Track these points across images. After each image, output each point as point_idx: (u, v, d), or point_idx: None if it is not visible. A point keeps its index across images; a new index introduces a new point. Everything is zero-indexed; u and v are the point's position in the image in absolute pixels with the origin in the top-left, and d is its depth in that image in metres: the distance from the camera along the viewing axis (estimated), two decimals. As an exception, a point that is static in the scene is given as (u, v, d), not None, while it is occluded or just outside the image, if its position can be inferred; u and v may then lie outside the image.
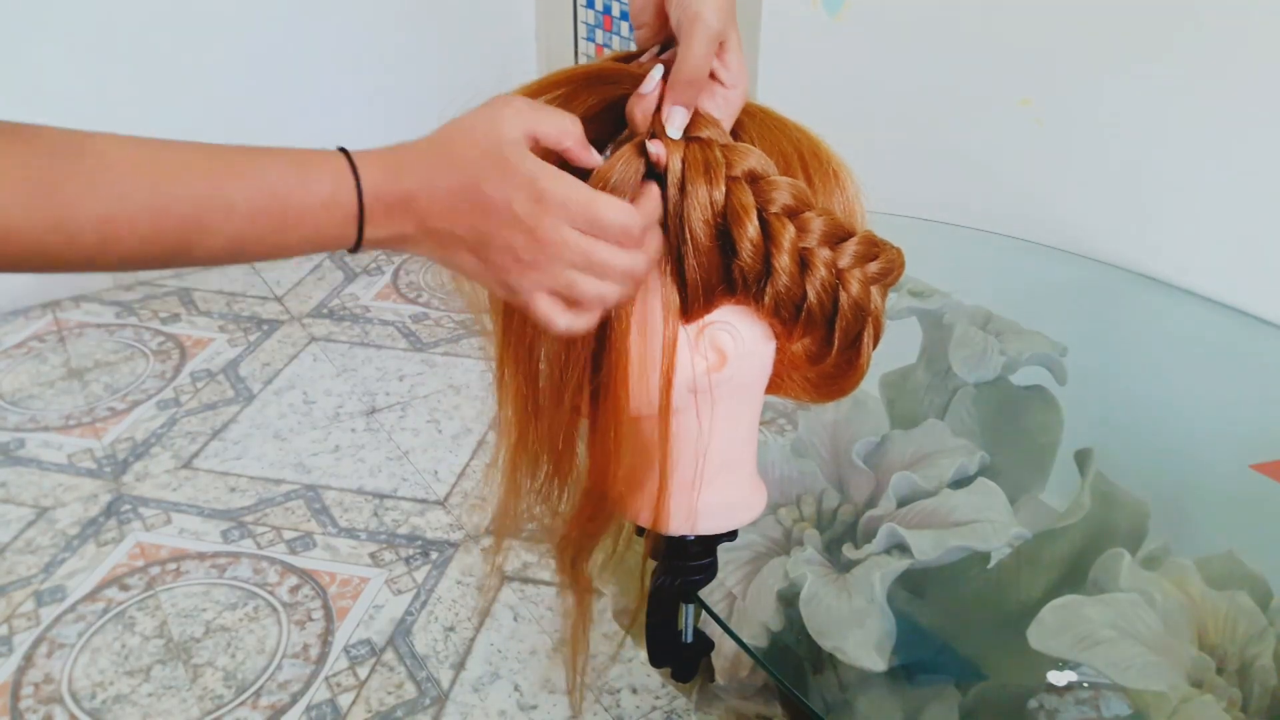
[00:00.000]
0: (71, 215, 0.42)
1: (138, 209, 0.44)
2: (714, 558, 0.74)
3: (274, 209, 0.46)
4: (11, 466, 1.79)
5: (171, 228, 0.45)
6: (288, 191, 0.47)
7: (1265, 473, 1.08)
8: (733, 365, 0.62)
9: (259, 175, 0.46)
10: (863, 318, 0.62)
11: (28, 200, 0.41)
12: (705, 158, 0.57)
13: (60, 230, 0.42)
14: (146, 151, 0.45)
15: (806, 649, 0.85)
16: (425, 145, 0.51)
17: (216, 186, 0.45)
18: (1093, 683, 0.87)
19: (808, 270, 0.60)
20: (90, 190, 0.43)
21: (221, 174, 0.46)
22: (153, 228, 0.44)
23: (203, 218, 0.45)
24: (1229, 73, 1.23)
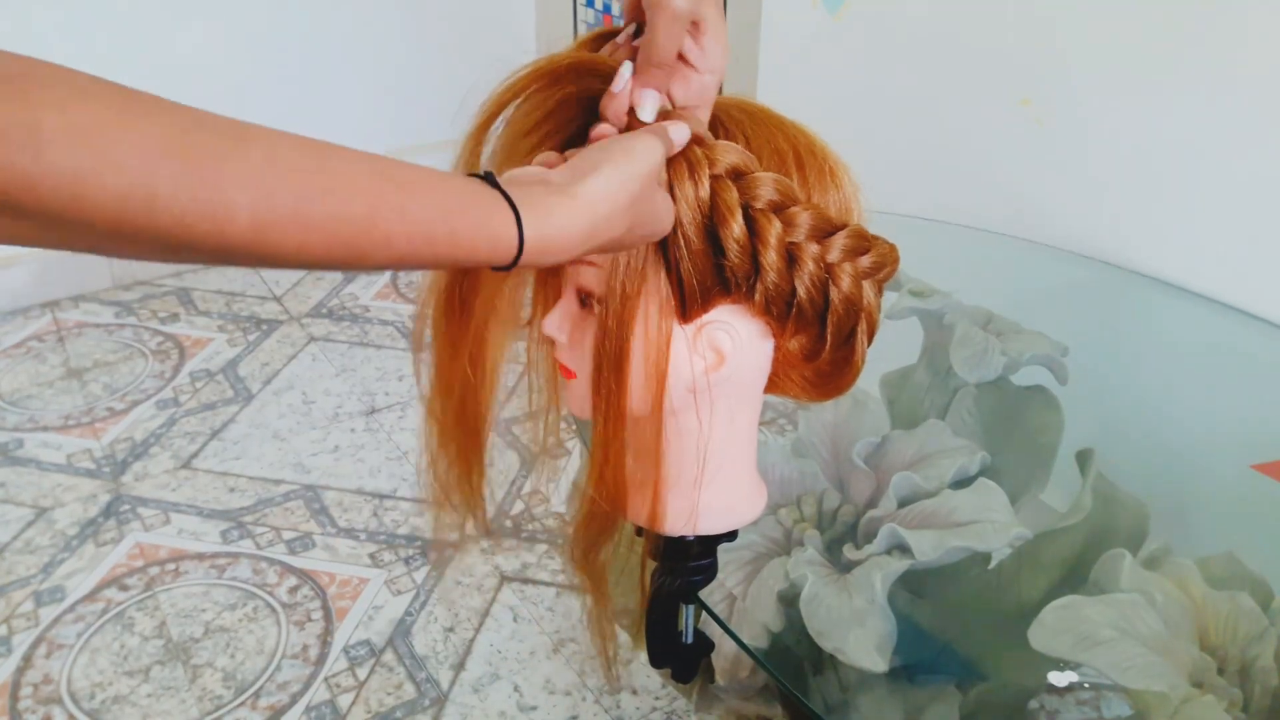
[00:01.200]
0: (224, 199, 0.39)
1: (291, 215, 0.40)
2: (714, 558, 0.74)
3: (429, 253, 0.45)
4: (11, 466, 1.79)
5: (324, 244, 0.42)
6: (448, 243, 0.45)
7: (1266, 473, 1.08)
8: (731, 365, 0.62)
9: (420, 218, 0.45)
10: (855, 313, 0.62)
11: (178, 171, 0.37)
12: (686, 157, 0.57)
13: (210, 214, 0.38)
14: (310, 155, 0.42)
15: (807, 649, 0.84)
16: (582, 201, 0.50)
17: (377, 217, 0.43)
18: (1093, 683, 0.87)
19: (795, 265, 0.59)
20: (247, 180, 0.39)
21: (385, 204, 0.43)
22: (305, 240, 0.41)
23: (358, 245, 0.43)
24: (1229, 72, 1.23)
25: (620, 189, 0.51)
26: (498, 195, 0.47)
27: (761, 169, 0.59)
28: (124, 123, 0.37)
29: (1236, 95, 1.23)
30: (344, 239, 0.42)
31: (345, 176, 0.43)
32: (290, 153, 0.41)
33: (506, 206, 0.47)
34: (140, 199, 0.37)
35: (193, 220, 0.38)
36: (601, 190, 0.50)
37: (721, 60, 0.59)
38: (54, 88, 0.36)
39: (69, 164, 0.35)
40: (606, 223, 0.50)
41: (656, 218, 0.55)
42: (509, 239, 0.47)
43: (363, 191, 0.43)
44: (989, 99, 1.52)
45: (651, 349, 0.60)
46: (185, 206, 0.38)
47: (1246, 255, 1.27)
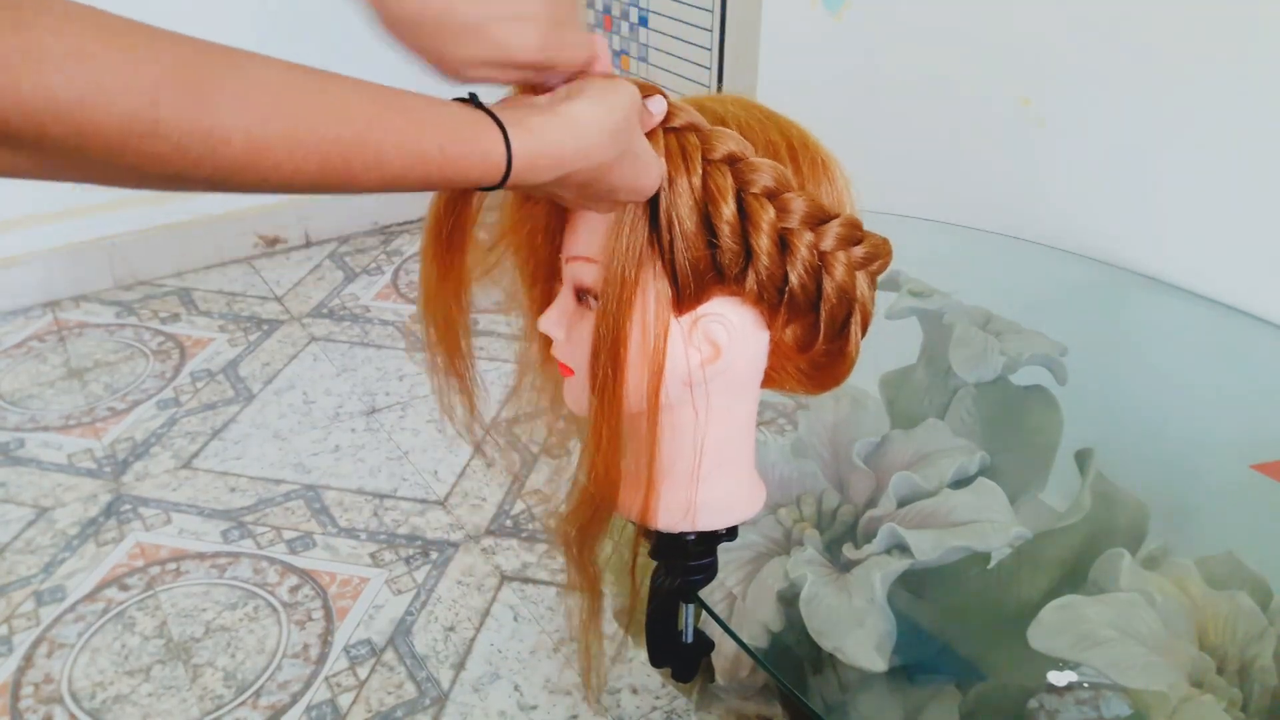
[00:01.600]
0: (219, 123, 0.39)
1: (284, 136, 0.41)
2: (714, 557, 0.74)
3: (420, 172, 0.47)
4: (11, 466, 1.79)
5: (318, 165, 0.43)
6: (439, 162, 0.47)
7: (1266, 473, 1.08)
8: (726, 358, 0.63)
9: (414, 138, 0.46)
10: (848, 302, 0.62)
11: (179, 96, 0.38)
12: (682, 145, 0.58)
13: (206, 137, 0.39)
14: (301, 80, 0.43)
15: (806, 649, 0.85)
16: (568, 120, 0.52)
17: (370, 138, 0.44)
18: (1093, 683, 0.87)
19: (788, 251, 0.60)
20: (243, 103, 0.40)
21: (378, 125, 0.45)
22: (299, 162, 0.42)
23: (350, 166, 0.44)
24: (1230, 72, 1.23)
25: (604, 113, 0.53)
26: (485, 115, 0.49)
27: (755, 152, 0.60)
28: (123, 46, 0.37)
29: (1237, 95, 1.23)
30: (336, 159, 0.43)
31: (337, 98, 0.44)
32: (283, 76, 0.42)
33: (494, 124, 0.49)
34: (144, 123, 0.37)
35: (189, 143, 0.38)
36: (585, 111, 0.52)
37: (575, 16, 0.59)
38: (51, 13, 0.35)
39: (72, 88, 0.35)
40: (593, 144, 0.52)
41: (643, 163, 0.56)
42: (498, 155, 0.49)
43: (355, 112, 0.44)
44: (989, 99, 1.52)
45: (648, 342, 0.60)
46: (185, 129, 0.38)
47: (1246, 255, 1.27)
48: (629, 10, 2.31)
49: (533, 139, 0.50)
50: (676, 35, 2.16)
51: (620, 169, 0.54)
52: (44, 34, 0.34)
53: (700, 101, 0.63)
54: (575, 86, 0.54)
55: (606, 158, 0.53)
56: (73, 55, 0.35)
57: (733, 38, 2.00)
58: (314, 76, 0.43)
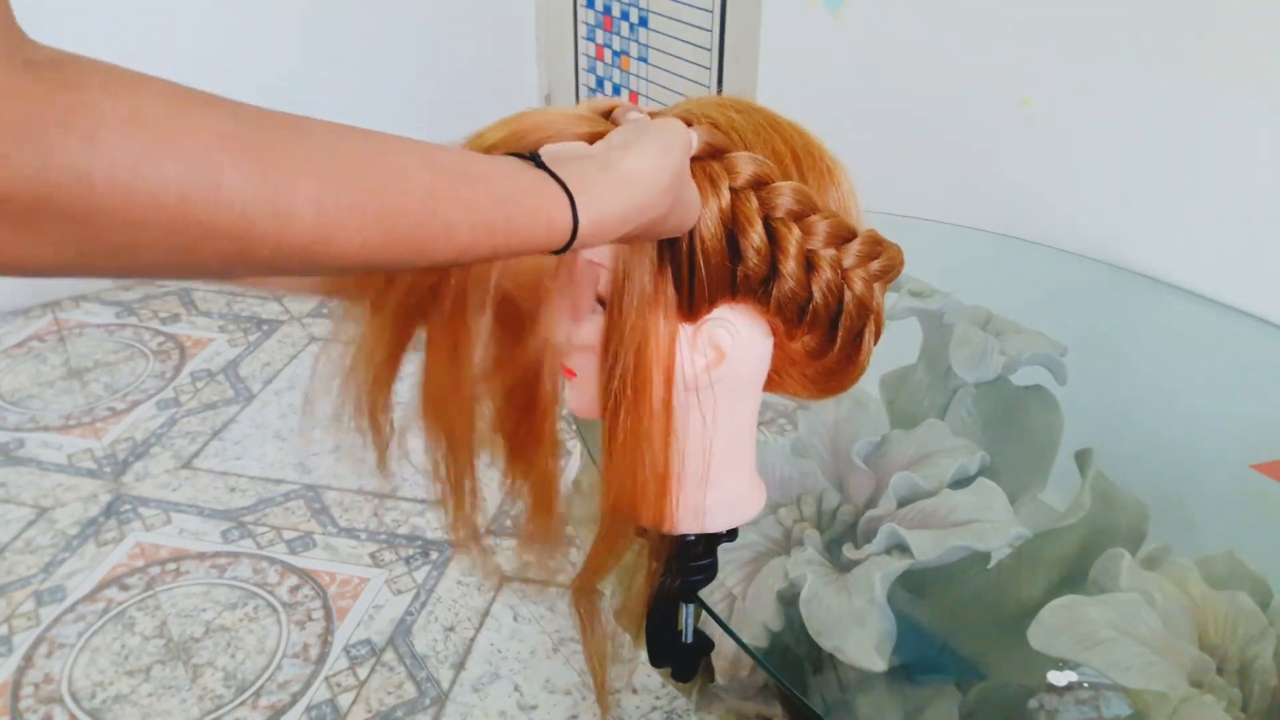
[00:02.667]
0: (288, 193, 0.35)
1: (354, 207, 0.38)
2: (714, 558, 0.74)
3: (487, 245, 0.43)
4: (11, 466, 1.79)
5: (384, 240, 0.39)
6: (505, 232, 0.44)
7: (1265, 473, 1.08)
8: (730, 362, 0.62)
9: (479, 209, 0.43)
10: (865, 315, 0.63)
11: (243, 165, 0.34)
12: (707, 172, 0.58)
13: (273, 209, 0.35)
14: (367, 146, 0.39)
15: (806, 649, 0.85)
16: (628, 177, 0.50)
17: (437, 209, 0.41)
18: (1093, 683, 0.87)
19: (814, 272, 0.60)
20: (310, 171, 0.36)
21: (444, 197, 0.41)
22: (366, 234, 0.38)
23: (418, 238, 0.41)
24: (1230, 72, 1.23)
25: (664, 163, 0.51)
26: (548, 178, 0.46)
27: (778, 174, 0.59)
28: (180, 110, 0.34)
29: (1237, 95, 1.23)
30: (405, 231, 0.40)
31: (404, 166, 0.40)
32: (348, 142, 0.39)
33: (560, 190, 0.46)
34: (204, 188, 0.33)
35: (255, 213, 0.35)
36: (647, 165, 0.50)
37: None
38: (104, 75, 0.32)
39: (127, 150, 0.32)
40: (652, 200, 0.50)
41: (691, 203, 0.55)
42: (564, 223, 0.46)
43: (421, 182, 0.41)
44: (989, 99, 1.52)
45: (661, 348, 0.60)
46: (249, 198, 0.34)
47: (1245, 255, 1.27)
48: (629, 10, 2.31)
49: (598, 204, 0.47)
50: (676, 35, 2.16)
51: (672, 217, 0.53)
52: (97, 94, 0.32)
53: (699, 109, 0.62)
54: (632, 131, 0.52)
55: (662, 210, 0.51)
56: (127, 117, 0.32)
57: (733, 38, 2.00)
58: (374, 141, 0.40)
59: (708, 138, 0.58)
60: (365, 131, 0.40)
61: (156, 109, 0.33)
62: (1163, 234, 1.35)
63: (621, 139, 0.51)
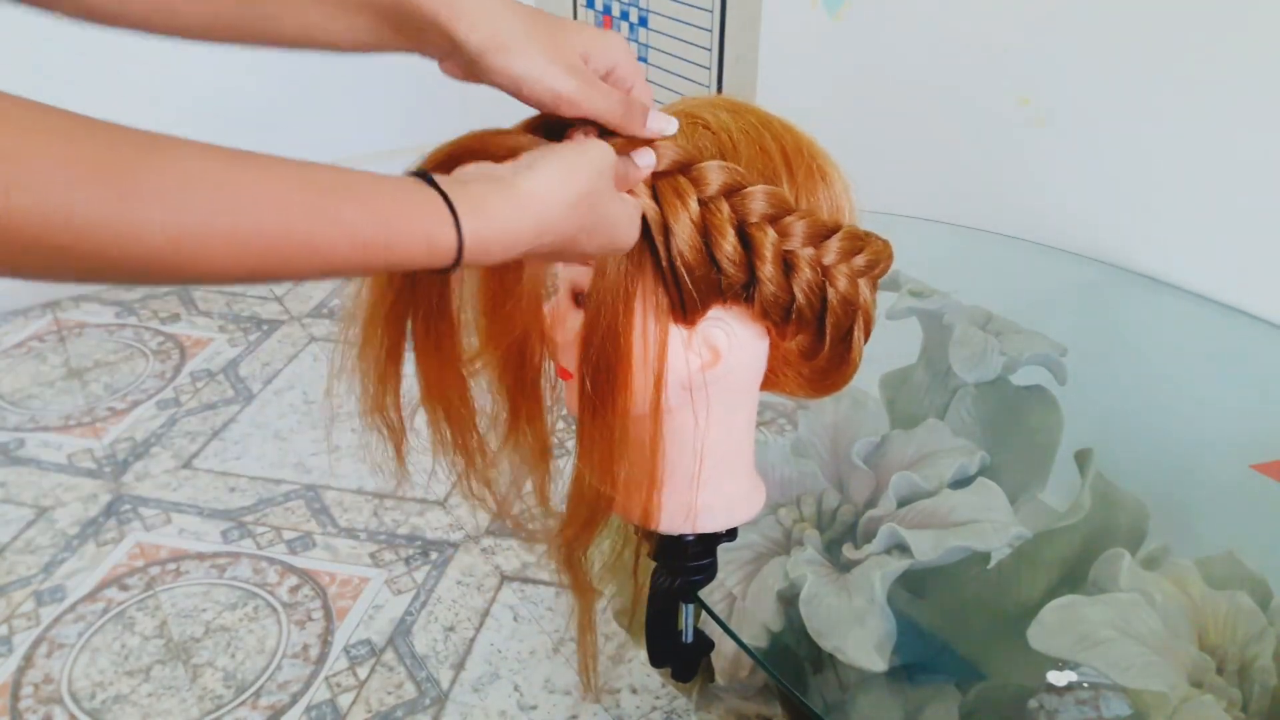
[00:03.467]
0: (140, 219, 0.37)
1: (207, 229, 0.39)
2: (714, 558, 0.74)
3: (360, 260, 0.43)
4: (11, 466, 1.79)
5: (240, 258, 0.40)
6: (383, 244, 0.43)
7: (1265, 473, 1.08)
8: (727, 362, 0.63)
9: (347, 222, 0.42)
10: (852, 312, 0.63)
11: (95, 194, 0.36)
12: (674, 188, 0.58)
13: (126, 235, 0.37)
14: (225, 167, 0.40)
15: (806, 649, 0.85)
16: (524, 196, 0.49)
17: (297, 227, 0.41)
18: (1093, 683, 0.87)
19: (793, 272, 0.60)
20: (163, 196, 0.38)
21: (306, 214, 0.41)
22: (224, 253, 0.39)
23: (282, 256, 0.41)
24: (1229, 72, 1.23)
25: (566, 183, 0.50)
26: (434, 194, 0.45)
27: (751, 179, 0.59)
28: (36, 142, 0.35)
29: (1237, 95, 1.23)
30: (267, 251, 0.40)
31: (265, 186, 0.41)
32: (207, 165, 0.39)
33: (443, 206, 0.45)
34: (58, 221, 0.35)
35: (107, 239, 0.37)
36: (546, 184, 0.49)
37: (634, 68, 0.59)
38: None
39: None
40: (553, 221, 0.49)
41: (614, 225, 0.54)
42: (447, 241, 0.45)
43: (285, 200, 0.41)
44: (989, 99, 1.52)
45: (648, 349, 0.60)
46: (100, 224, 0.36)
47: (1246, 255, 1.27)
48: (629, 10, 2.31)
49: (484, 222, 0.46)
50: (676, 35, 2.16)
51: (589, 238, 0.52)
52: None
53: (691, 109, 0.62)
54: (539, 154, 0.51)
55: (568, 232, 0.50)
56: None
57: (732, 38, 2.00)
58: (240, 161, 0.40)
59: (672, 154, 0.58)
60: (230, 152, 0.41)
61: (15, 141, 0.35)
62: (1163, 234, 1.35)
63: (529, 159, 0.50)
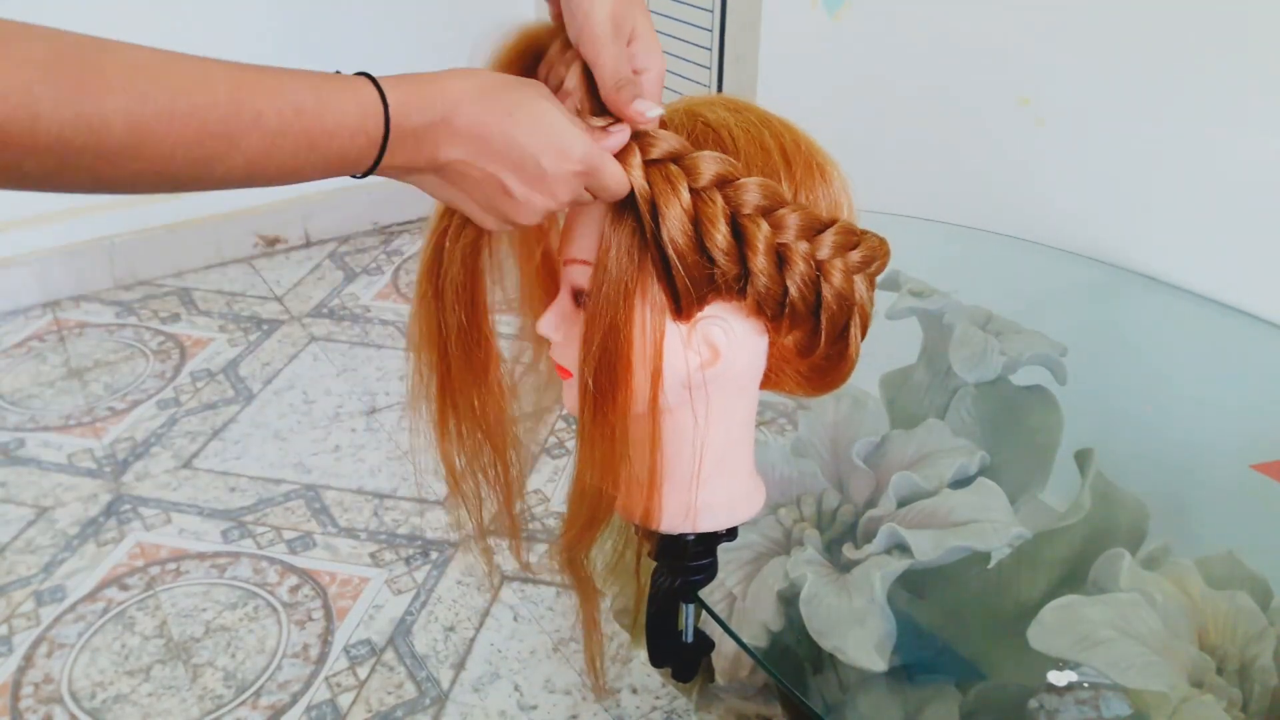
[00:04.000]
0: (98, 110, 0.40)
1: (163, 111, 0.42)
2: (714, 558, 0.74)
3: (299, 127, 0.47)
4: (11, 466, 1.79)
5: (199, 135, 0.44)
6: (316, 111, 0.47)
7: (1265, 473, 1.08)
8: (726, 360, 0.63)
9: (286, 93, 0.46)
10: (848, 308, 0.62)
11: (56, 90, 0.39)
12: (666, 175, 0.57)
13: (87, 125, 0.40)
14: (172, 59, 0.44)
15: (806, 649, 0.85)
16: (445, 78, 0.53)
17: (244, 99, 0.45)
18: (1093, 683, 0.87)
19: (786, 266, 0.60)
20: (119, 86, 0.41)
21: (249, 88, 0.45)
22: (180, 133, 0.43)
23: (231, 128, 0.45)
24: (1229, 72, 1.23)
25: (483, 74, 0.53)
26: (361, 77, 0.50)
27: (746, 172, 0.59)
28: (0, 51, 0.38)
29: (1237, 95, 1.23)
30: (214, 124, 0.44)
31: (209, 69, 0.45)
32: (156, 56, 0.43)
33: (368, 81, 0.50)
34: (23, 119, 0.38)
35: (71, 132, 0.40)
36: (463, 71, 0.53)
37: (658, 59, 0.60)
38: None
39: None
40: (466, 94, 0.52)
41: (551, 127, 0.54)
42: (371, 99, 0.49)
43: (230, 76, 0.45)
44: (989, 99, 1.52)
45: (646, 346, 0.60)
46: (64, 119, 0.40)
47: (1246, 255, 1.27)
48: (629, 10, 2.30)
49: (404, 86, 0.50)
50: (676, 35, 2.16)
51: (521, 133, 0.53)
52: None
53: (692, 106, 0.62)
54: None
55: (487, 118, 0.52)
56: None
57: (732, 38, 2.00)
58: (187, 56, 0.45)
59: (668, 143, 0.58)
60: (176, 52, 0.45)
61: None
62: (1163, 234, 1.35)
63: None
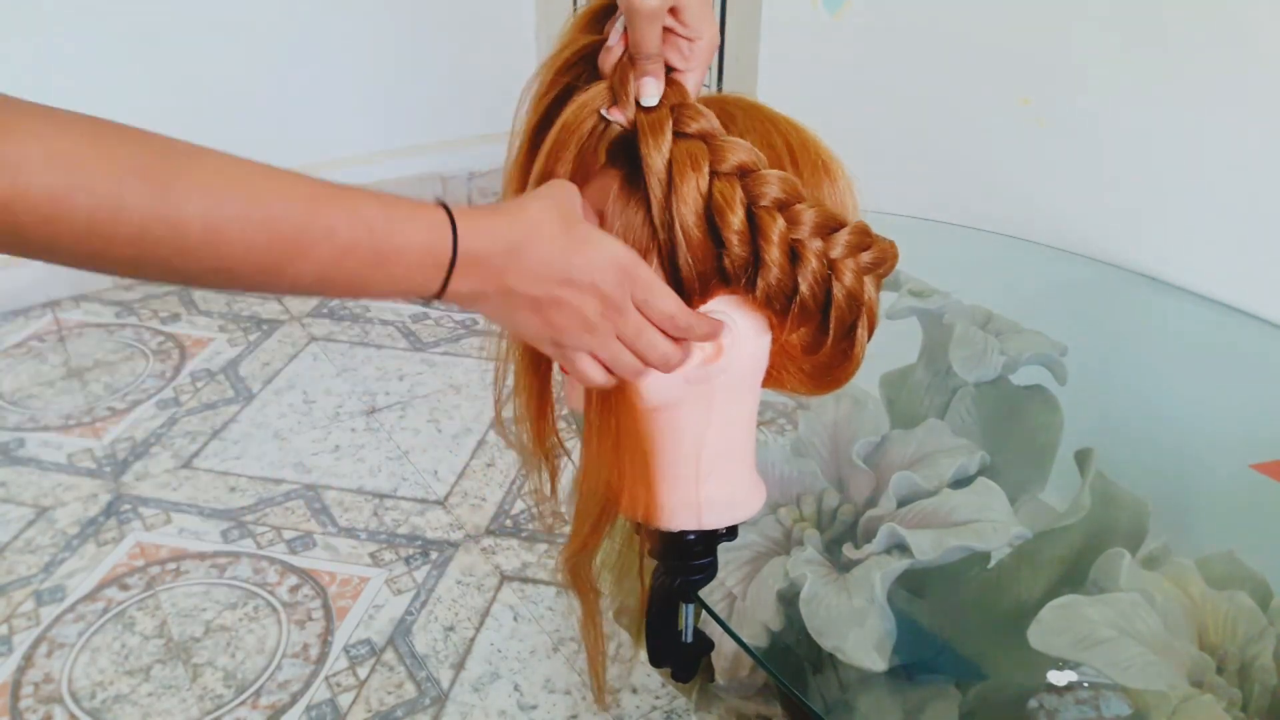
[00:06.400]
0: (180, 208, 0.43)
1: (242, 217, 0.45)
2: (714, 557, 0.74)
3: (369, 244, 0.49)
4: (11, 466, 1.79)
5: (270, 242, 0.46)
6: (385, 230, 0.49)
7: (1265, 473, 1.08)
8: (729, 357, 0.62)
9: (360, 210, 0.49)
10: (857, 308, 0.62)
11: (141, 189, 0.42)
12: (690, 152, 0.58)
13: (168, 221, 0.43)
14: (254, 169, 0.47)
15: (806, 649, 0.85)
16: (514, 210, 0.54)
17: (319, 211, 0.47)
18: (1093, 682, 0.87)
19: (799, 262, 0.60)
20: (200, 190, 0.44)
21: (325, 202, 0.48)
22: (253, 239, 0.45)
23: (301, 239, 0.47)
24: (1229, 72, 1.23)
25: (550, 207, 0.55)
26: (433, 204, 0.52)
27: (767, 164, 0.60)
28: (95, 150, 0.42)
29: (1237, 94, 1.23)
30: (288, 232, 0.46)
31: (291, 181, 0.47)
32: (237, 164, 0.46)
33: (439, 207, 0.51)
34: (107, 212, 0.42)
35: (152, 226, 0.43)
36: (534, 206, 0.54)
37: (709, 26, 0.61)
38: (32, 119, 0.41)
39: (44, 186, 0.40)
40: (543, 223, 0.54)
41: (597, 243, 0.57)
42: (440, 222, 0.51)
43: (310, 191, 0.48)
44: (989, 99, 1.52)
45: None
46: (146, 216, 0.43)
47: (1246, 255, 1.27)
48: (629, 10, 2.30)
49: (475, 218, 0.52)
50: (676, 35, 2.16)
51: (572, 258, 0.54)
52: (27, 140, 0.40)
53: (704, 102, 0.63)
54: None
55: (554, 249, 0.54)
56: (47, 157, 0.40)
57: (733, 38, 2.00)
58: (273, 168, 0.47)
59: (702, 123, 0.58)
60: (256, 162, 0.47)
61: (73, 149, 0.41)
62: (1163, 234, 1.35)
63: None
